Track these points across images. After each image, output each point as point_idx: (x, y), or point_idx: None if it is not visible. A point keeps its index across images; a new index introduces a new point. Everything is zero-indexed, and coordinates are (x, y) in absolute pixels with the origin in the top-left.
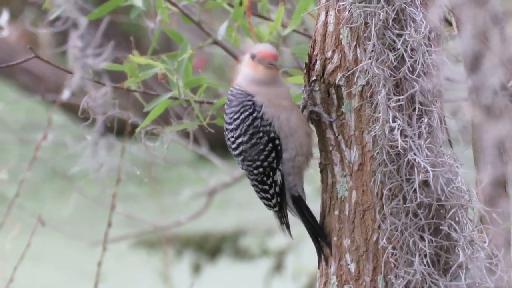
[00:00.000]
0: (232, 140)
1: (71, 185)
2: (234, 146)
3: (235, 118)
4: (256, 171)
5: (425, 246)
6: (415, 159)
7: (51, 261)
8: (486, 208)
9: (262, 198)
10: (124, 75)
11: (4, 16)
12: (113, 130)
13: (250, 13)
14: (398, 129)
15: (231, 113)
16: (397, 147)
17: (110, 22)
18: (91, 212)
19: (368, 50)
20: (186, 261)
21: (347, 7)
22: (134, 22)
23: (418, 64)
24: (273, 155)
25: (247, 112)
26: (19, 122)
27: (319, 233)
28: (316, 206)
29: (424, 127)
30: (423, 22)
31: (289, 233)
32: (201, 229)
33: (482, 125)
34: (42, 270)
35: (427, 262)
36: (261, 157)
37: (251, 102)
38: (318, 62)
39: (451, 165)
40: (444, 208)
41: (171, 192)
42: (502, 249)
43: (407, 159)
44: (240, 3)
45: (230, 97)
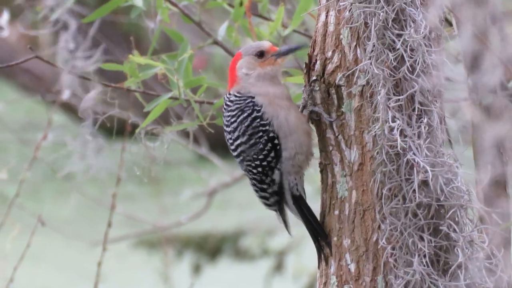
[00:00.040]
0: (231, 142)
1: (71, 185)
2: (233, 148)
3: (233, 121)
4: (256, 171)
5: (425, 246)
6: (415, 159)
7: (51, 261)
8: (486, 208)
9: (261, 197)
10: (124, 75)
11: (5, 16)
12: (109, 131)
13: (251, 13)
14: (398, 129)
15: (228, 117)
16: (397, 147)
17: (111, 22)
18: (91, 212)
19: (368, 50)
20: (187, 261)
21: (348, 7)
22: (135, 22)
23: (418, 64)
24: (272, 155)
25: (246, 113)
26: (19, 122)
27: (320, 233)
28: (316, 206)
29: (424, 127)
30: (423, 22)
31: (289, 233)
32: (202, 229)
33: (482, 125)
34: (42, 270)
35: (427, 262)
36: (260, 157)
37: (251, 103)
38: (318, 62)
39: (451, 165)
40: (444, 208)
41: (171, 192)
42: (502, 249)
43: (407, 159)
44: (241, 3)
45: (228, 103)
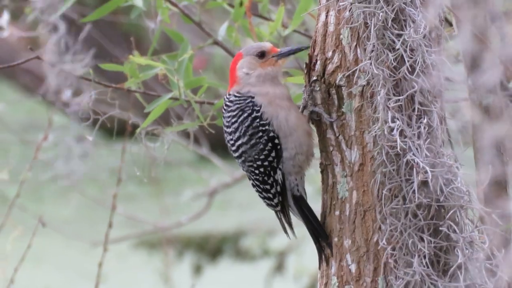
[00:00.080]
0: (232, 143)
1: (72, 186)
2: (234, 149)
3: (233, 122)
4: (257, 171)
5: (425, 247)
6: (414, 160)
7: (52, 262)
8: (486, 209)
9: (264, 198)
10: (124, 76)
11: (5, 17)
12: (109, 131)
13: (251, 14)
14: (398, 130)
15: (229, 117)
16: (397, 148)
17: (111, 23)
18: (92, 213)
19: (368, 51)
20: (187, 262)
21: (348, 7)
22: (135, 23)
23: (418, 64)
24: (273, 155)
25: (246, 114)
26: (20, 123)
27: (320, 234)
28: (317, 207)
29: (424, 128)
30: (423, 22)
31: (292, 233)
32: (202, 230)
33: (482, 125)
34: (43, 271)
35: (426, 263)
36: (261, 157)
37: (251, 103)
38: (319, 62)
39: (451, 166)
40: (444, 209)
41: (172, 193)
42: (503, 250)
43: (407, 160)
44: (241, 4)
45: (228, 103)
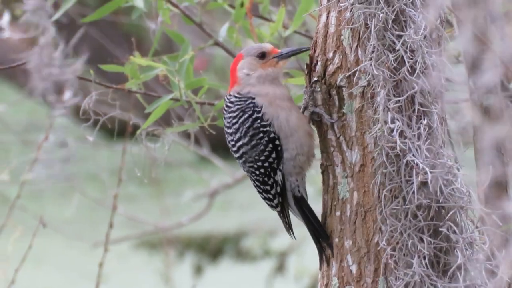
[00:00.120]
0: (233, 144)
1: (73, 187)
2: (235, 149)
3: (234, 122)
4: (258, 172)
5: (424, 248)
6: (414, 161)
7: (53, 263)
8: (486, 210)
9: (265, 199)
10: (125, 76)
11: (6, 17)
12: (110, 132)
13: (251, 14)
14: (397, 130)
15: (230, 118)
16: (396, 149)
17: (111, 23)
18: (93, 213)
19: (368, 51)
20: (188, 263)
21: (348, 8)
22: (136, 23)
23: (418, 65)
24: (274, 156)
25: (247, 114)
26: (21, 123)
27: (321, 234)
28: (318, 207)
29: (424, 129)
30: (423, 23)
31: (292, 234)
32: (203, 230)
33: (483, 126)
34: (44, 272)
35: (426, 264)
36: (262, 158)
37: (252, 104)
38: (319, 63)
39: (451, 167)
40: (444, 210)
41: (173, 193)
42: (503, 251)
43: (407, 161)
44: (241, 4)
45: (228, 104)
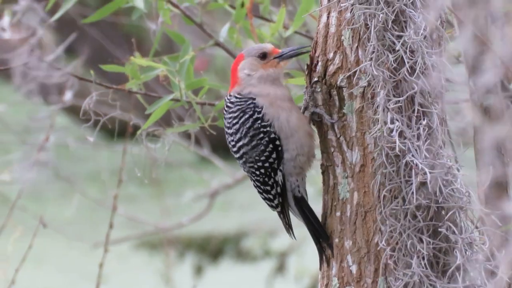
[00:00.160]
0: (233, 144)
1: (73, 187)
2: (235, 150)
3: (234, 123)
4: (258, 172)
5: (424, 248)
6: (414, 161)
7: (53, 263)
8: (485, 210)
9: (265, 199)
10: (126, 77)
11: (6, 18)
12: (110, 132)
13: (252, 15)
14: (397, 131)
15: (230, 118)
16: (396, 149)
17: (112, 24)
18: (93, 214)
19: (368, 52)
20: (188, 263)
21: (349, 8)
22: (136, 24)
23: (418, 66)
24: (274, 156)
25: (247, 115)
26: (21, 124)
27: (321, 235)
28: (318, 208)
29: (423, 129)
30: (423, 24)
31: (292, 234)
32: (203, 231)
33: (483, 126)
34: (44, 272)
35: (425, 264)
36: (262, 158)
37: (253, 105)
38: (320, 64)
39: (450, 167)
40: (443, 210)
41: (173, 194)
42: (503, 251)
43: (406, 161)
44: (242, 5)
45: (229, 104)
